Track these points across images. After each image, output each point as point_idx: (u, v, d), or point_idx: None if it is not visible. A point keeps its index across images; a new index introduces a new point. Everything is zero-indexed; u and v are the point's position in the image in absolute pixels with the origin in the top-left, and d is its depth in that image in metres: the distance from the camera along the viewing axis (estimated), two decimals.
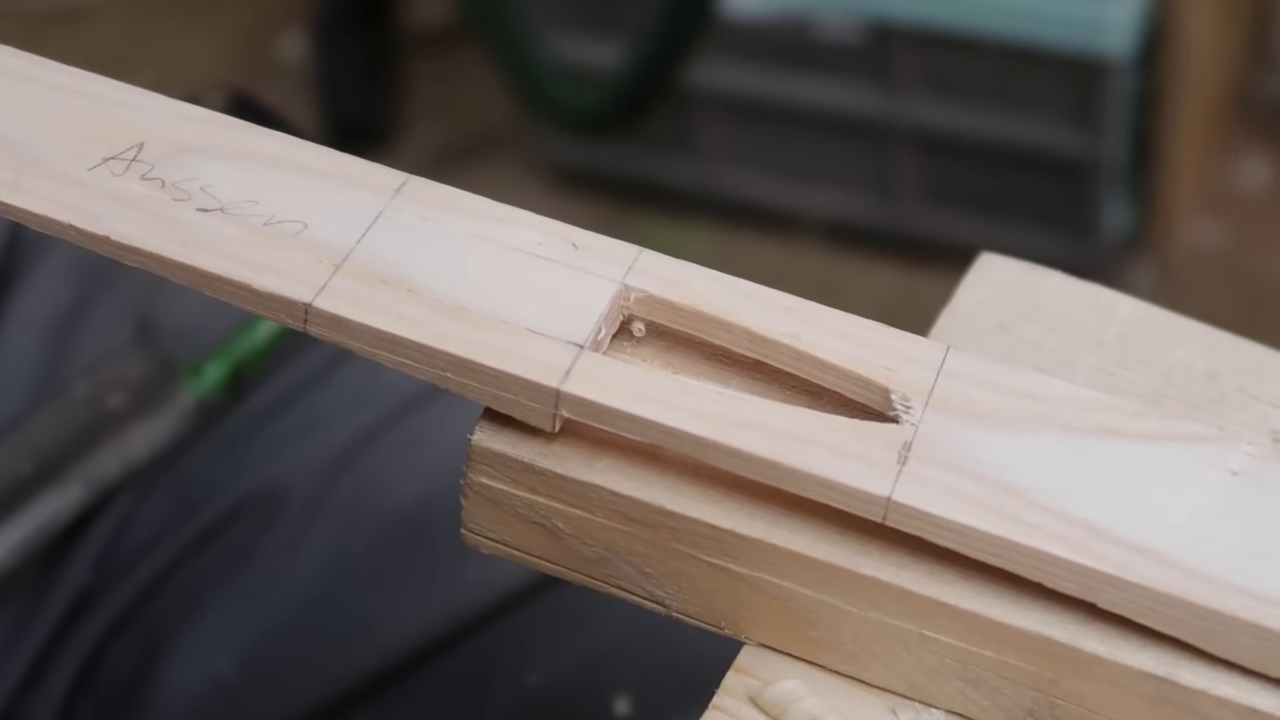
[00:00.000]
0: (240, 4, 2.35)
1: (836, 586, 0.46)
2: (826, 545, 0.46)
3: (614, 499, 0.48)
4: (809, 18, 1.97)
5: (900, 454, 0.46)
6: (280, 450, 0.80)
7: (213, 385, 0.79)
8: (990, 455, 0.46)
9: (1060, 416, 0.47)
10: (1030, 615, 0.45)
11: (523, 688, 0.77)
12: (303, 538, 0.79)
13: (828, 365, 0.48)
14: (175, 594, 0.78)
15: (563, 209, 2.12)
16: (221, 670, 0.77)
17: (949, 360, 0.49)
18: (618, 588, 0.50)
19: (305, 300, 0.48)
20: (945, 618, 0.46)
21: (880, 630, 0.47)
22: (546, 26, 2.07)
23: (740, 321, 0.49)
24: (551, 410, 0.47)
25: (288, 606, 0.78)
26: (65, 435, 0.76)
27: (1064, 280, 0.58)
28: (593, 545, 0.49)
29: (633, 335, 0.50)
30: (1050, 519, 0.45)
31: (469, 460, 0.49)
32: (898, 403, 0.47)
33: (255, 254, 0.49)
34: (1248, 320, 1.38)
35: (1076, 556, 0.44)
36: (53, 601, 0.77)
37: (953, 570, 0.46)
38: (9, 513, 0.74)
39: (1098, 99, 1.89)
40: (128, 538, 0.79)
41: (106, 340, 0.79)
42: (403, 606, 0.78)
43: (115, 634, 0.78)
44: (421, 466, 0.80)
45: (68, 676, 0.77)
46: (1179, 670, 0.44)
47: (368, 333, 0.48)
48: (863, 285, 2.04)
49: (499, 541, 0.50)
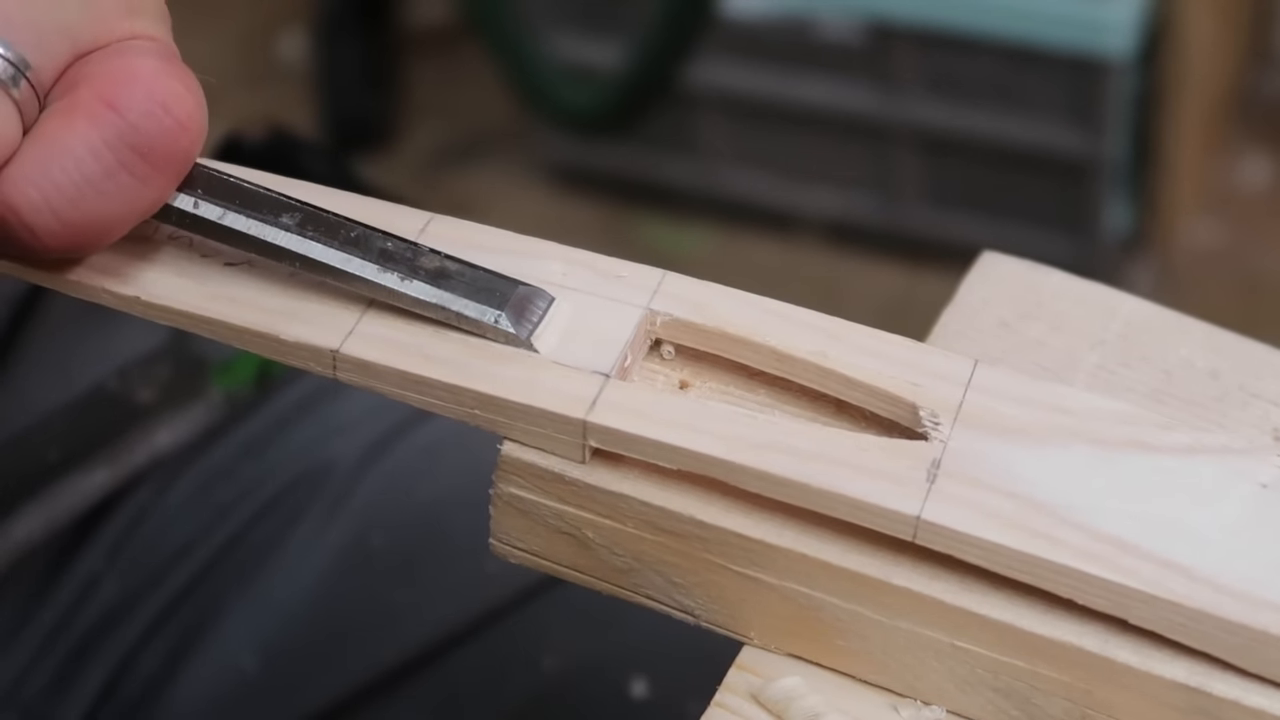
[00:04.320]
0: (240, 4, 2.34)
1: (867, 597, 0.47)
2: (857, 555, 0.47)
3: (644, 509, 0.48)
4: (809, 18, 1.97)
5: (929, 472, 0.46)
6: (305, 450, 0.81)
7: (241, 382, 0.80)
8: (1020, 471, 0.46)
9: (1089, 430, 0.47)
10: (1062, 626, 0.45)
11: (540, 672, 0.77)
12: (325, 535, 0.79)
13: (855, 382, 0.49)
14: (203, 596, 0.79)
15: (563, 209, 2.12)
16: (244, 666, 0.78)
17: (977, 375, 0.49)
18: (646, 597, 0.50)
19: (333, 347, 0.49)
20: (977, 628, 0.46)
21: (911, 640, 0.47)
22: (546, 26, 2.07)
23: (766, 341, 0.50)
24: (580, 441, 0.48)
25: (309, 602, 0.79)
26: (93, 426, 0.77)
27: (1066, 279, 0.58)
28: (622, 555, 0.49)
29: (663, 357, 0.51)
30: (1080, 535, 0.45)
31: (499, 470, 0.49)
32: (926, 419, 0.48)
33: (282, 304, 0.50)
34: (1247, 319, 1.38)
35: (1107, 573, 0.44)
36: (63, 587, 0.78)
37: (985, 580, 0.46)
38: (35, 495, 0.75)
39: (1098, 99, 1.89)
40: (146, 530, 0.79)
41: (141, 336, 0.80)
42: (423, 600, 0.79)
43: (146, 640, 0.78)
44: (442, 466, 0.81)
45: (96, 685, 0.77)
46: (1211, 681, 0.44)
47: (396, 375, 0.49)
48: (863, 285, 2.04)
49: (528, 551, 0.51)
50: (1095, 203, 1.97)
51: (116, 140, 0.46)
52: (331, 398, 0.82)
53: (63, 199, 0.46)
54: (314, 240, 0.49)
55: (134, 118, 0.46)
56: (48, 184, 0.45)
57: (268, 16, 2.35)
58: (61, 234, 0.46)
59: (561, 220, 2.12)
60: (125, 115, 0.46)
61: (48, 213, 0.46)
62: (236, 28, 2.31)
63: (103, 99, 0.46)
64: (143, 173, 0.46)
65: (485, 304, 0.49)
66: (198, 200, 0.49)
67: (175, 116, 0.46)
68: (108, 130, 0.46)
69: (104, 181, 0.46)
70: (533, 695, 0.77)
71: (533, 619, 0.78)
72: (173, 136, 0.47)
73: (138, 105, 0.46)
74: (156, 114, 0.46)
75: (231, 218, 0.49)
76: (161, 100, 0.46)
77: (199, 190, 0.49)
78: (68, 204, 0.46)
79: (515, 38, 2.03)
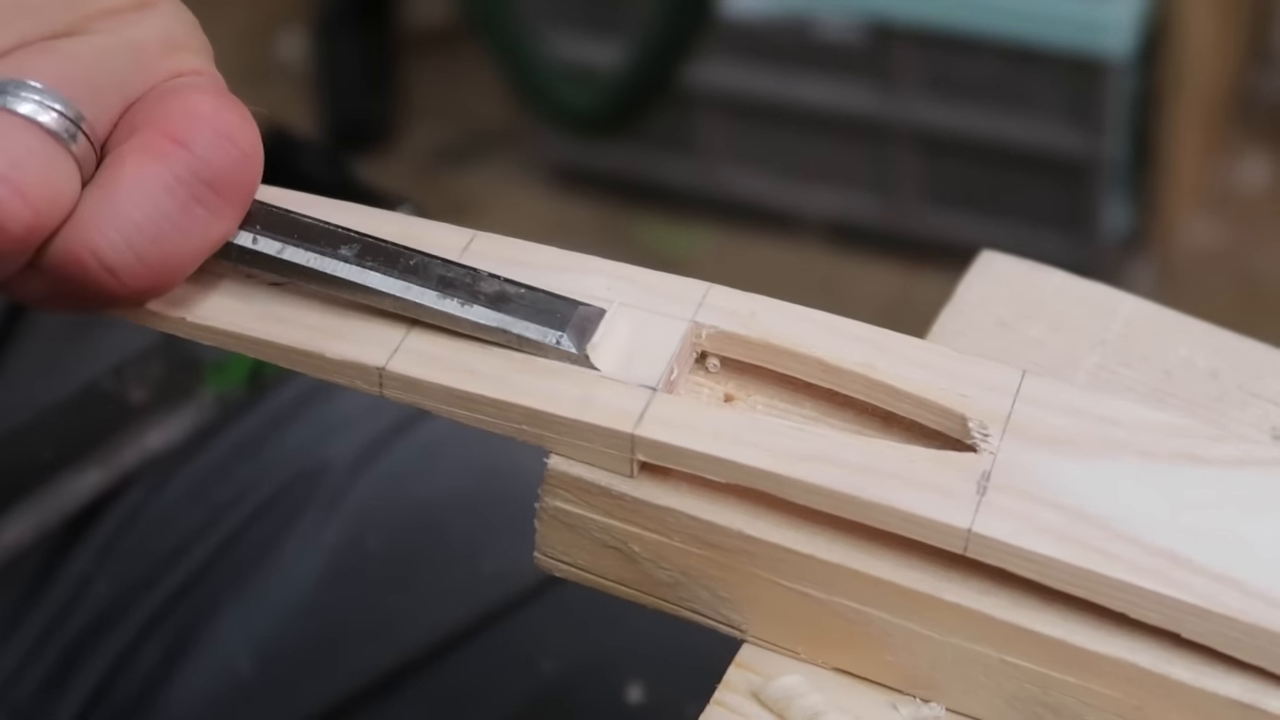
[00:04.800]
0: (240, 4, 2.34)
1: (917, 612, 0.47)
2: (907, 570, 0.47)
3: (692, 523, 0.48)
4: (809, 18, 1.97)
5: (979, 484, 0.46)
6: (300, 450, 0.81)
7: (234, 382, 0.80)
8: (1070, 483, 0.46)
9: (1138, 442, 0.47)
10: (1115, 641, 0.45)
11: (538, 675, 0.77)
12: (321, 535, 0.79)
13: (903, 394, 0.49)
14: (198, 598, 0.79)
15: (562, 209, 2.12)
16: (239, 668, 0.78)
17: (1025, 385, 0.49)
18: (692, 611, 0.50)
19: (379, 364, 0.49)
20: (1028, 643, 0.46)
21: (960, 655, 0.47)
22: (546, 26, 2.07)
23: (812, 352, 0.49)
24: (628, 455, 0.48)
25: (306, 603, 0.79)
26: (87, 425, 0.77)
27: (1065, 278, 0.58)
28: (668, 569, 0.49)
29: (708, 370, 0.51)
30: (1133, 549, 0.45)
31: (545, 484, 0.49)
32: (975, 430, 0.47)
33: (327, 322, 0.50)
34: (1247, 319, 1.38)
35: (1160, 587, 0.44)
36: (54, 587, 0.78)
37: (1036, 595, 0.46)
38: (28, 494, 0.75)
39: (1098, 99, 1.89)
40: (138, 531, 0.79)
41: (135, 338, 0.79)
42: (420, 602, 0.78)
43: (140, 642, 0.78)
44: (439, 466, 0.81)
45: (88, 687, 0.77)
46: (1266, 697, 0.44)
47: (442, 391, 0.49)
48: (863, 285, 2.04)
49: (573, 565, 0.51)
50: (1095, 202, 1.97)
51: (188, 175, 0.47)
52: (327, 396, 0.82)
53: (142, 238, 0.46)
54: (373, 270, 0.50)
55: (202, 151, 0.47)
56: (127, 224, 0.46)
57: (267, 16, 2.35)
58: (142, 273, 0.47)
59: (561, 220, 2.12)
60: (194, 150, 0.47)
61: (129, 253, 0.46)
62: (236, 27, 2.31)
63: (170, 137, 0.47)
64: (215, 205, 0.48)
65: (546, 325, 0.49)
66: (256, 236, 0.50)
67: (240, 147, 0.48)
68: (178, 166, 0.47)
69: (179, 216, 0.47)
70: (530, 698, 0.77)
71: (530, 621, 0.78)
72: (240, 166, 0.48)
73: (204, 139, 0.47)
74: (224, 146, 0.47)
75: (291, 251, 0.50)
76: (226, 132, 0.47)
77: (256, 226, 0.50)
78: (148, 242, 0.47)
79: (515, 38, 2.03)
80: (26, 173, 0.45)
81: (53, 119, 0.46)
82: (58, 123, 0.46)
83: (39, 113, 0.46)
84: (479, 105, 2.26)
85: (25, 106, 0.45)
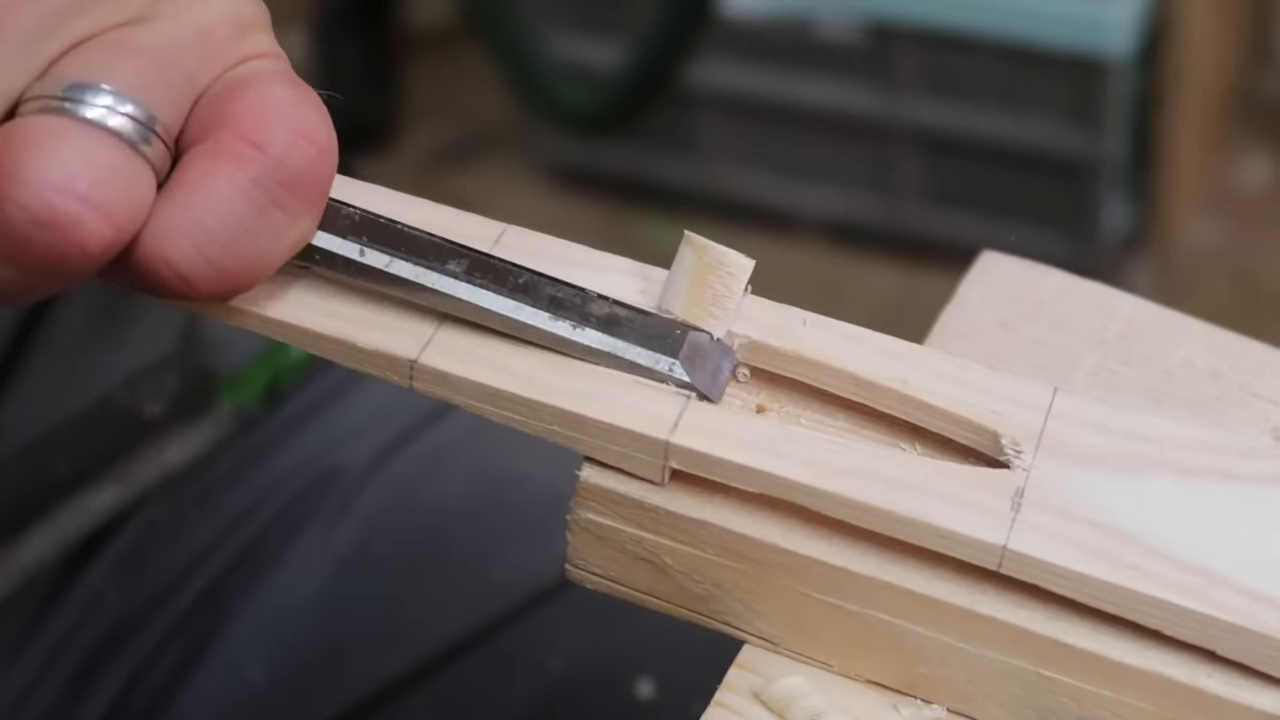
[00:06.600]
0: None
1: (951, 625, 0.47)
2: (941, 583, 0.47)
3: (725, 536, 0.48)
4: (809, 18, 1.98)
5: (1014, 501, 0.46)
6: (313, 456, 0.81)
7: (250, 396, 0.80)
8: (1103, 500, 0.46)
9: (1171, 458, 0.47)
10: (1150, 655, 0.45)
11: (547, 674, 0.77)
12: (331, 542, 0.79)
13: (936, 409, 0.49)
14: (211, 606, 0.79)
15: (562, 209, 2.12)
16: (251, 676, 0.78)
17: (1057, 402, 0.49)
18: (725, 624, 0.50)
19: (411, 357, 0.48)
20: (1064, 657, 0.46)
21: (995, 669, 0.47)
22: (546, 26, 2.07)
23: (845, 366, 0.49)
24: (661, 462, 0.47)
25: (316, 611, 0.79)
26: (103, 440, 0.77)
27: (1065, 278, 0.58)
28: (701, 581, 0.49)
29: (738, 380, 0.50)
30: (1167, 566, 0.45)
31: (577, 496, 0.49)
32: (1008, 447, 0.48)
33: (359, 311, 0.49)
34: (1247, 319, 1.38)
35: (1195, 604, 0.44)
36: (69, 603, 0.78)
37: (1070, 608, 0.46)
38: (46, 511, 0.74)
39: (1098, 99, 1.89)
40: (153, 544, 0.79)
41: (150, 349, 0.79)
42: (429, 609, 0.79)
43: (155, 654, 0.78)
44: (450, 472, 0.81)
45: (105, 701, 0.77)
46: None
47: (473, 388, 0.48)
48: (863, 285, 2.04)
49: (604, 577, 0.50)
50: (1095, 202, 1.97)
51: (264, 178, 0.45)
52: (337, 403, 0.82)
53: (216, 245, 0.45)
54: (484, 289, 0.48)
55: (278, 152, 0.45)
56: (200, 232, 0.44)
57: None
58: (216, 280, 0.45)
59: (561, 220, 2.12)
60: (269, 152, 0.45)
61: (202, 261, 0.45)
62: None
63: (245, 138, 0.45)
64: (292, 207, 0.46)
65: (658, 351, 0.49)
66: (363, 248, 0.48)
67: (317, 145, 0.46)
68: (254, 169, 0.45)
69: (255, 221, 0.45)
70: (540, 698, 0.77)
71: (538, 623, 0.78)
72: (317, 165, 0.46)
73: (281, 139, 0.45)
74: (301, 145, 0.45)
75: (399, 265, 0.48)
76: (302, 130, 0.45)
77: (364, 237, 0.48)
78: (221, 250, 0.45)
79: (515, 38, 2.03)
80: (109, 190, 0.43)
81: (128, 126, 0.44)
82: (133, 130, 0.44)
83: (113, 118, 0.44)
84: (479, 105, 2.26)
85: (100, 114, 0.43)
